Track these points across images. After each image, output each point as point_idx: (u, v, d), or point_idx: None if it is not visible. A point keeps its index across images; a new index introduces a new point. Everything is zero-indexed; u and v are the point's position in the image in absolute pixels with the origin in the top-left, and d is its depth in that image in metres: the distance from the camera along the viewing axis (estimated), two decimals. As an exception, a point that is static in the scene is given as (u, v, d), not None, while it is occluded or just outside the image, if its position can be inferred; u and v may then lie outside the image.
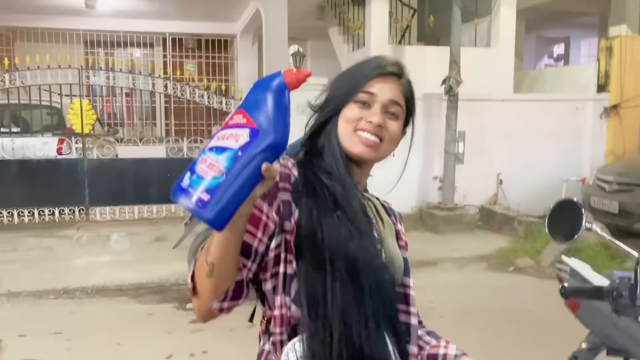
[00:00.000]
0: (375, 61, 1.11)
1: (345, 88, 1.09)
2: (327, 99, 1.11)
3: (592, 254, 5.55)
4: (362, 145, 1.07)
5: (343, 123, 1.08)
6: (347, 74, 1.12)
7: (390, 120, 1.10)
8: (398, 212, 1.28)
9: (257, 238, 0.98)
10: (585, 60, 15.71)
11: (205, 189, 0.80)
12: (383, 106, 1.08)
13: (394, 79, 1.11)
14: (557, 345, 2.32)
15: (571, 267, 1.98)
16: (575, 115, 7.95)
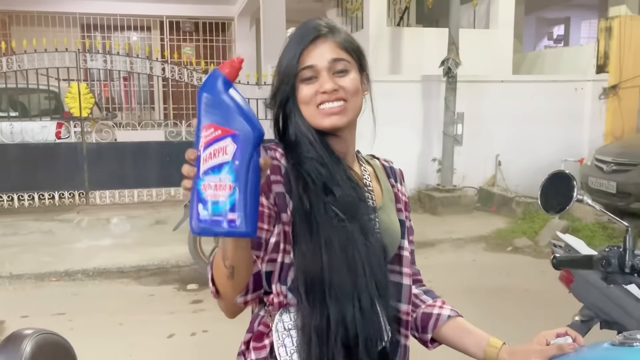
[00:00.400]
0: (298, 34, 1.08)
1: (285, 75, 1.07)
2: (275, 92, 1.10)
3: (589, 234, 5.60)
4: (330, 117, 1.05)
5: (303, 106, 1.07)
6: (280, 61, 1.09)
7: (342, 77, 1.06)
8: (399, 169, 1.27)
9: (264, 230, 1.00)
10: (585, 41, 15.63)
11: (229, 209, 0.81)
12: (328, 70, 1.05)
13: (324, 39, 1.06)
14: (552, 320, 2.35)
15: (566, 243, 2.01)
16: (574, 96, 7.94)
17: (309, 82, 1.06)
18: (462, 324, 1.17)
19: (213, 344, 3.40)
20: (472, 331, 1.15)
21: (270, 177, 1.00)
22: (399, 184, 1.24)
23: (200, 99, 0.84)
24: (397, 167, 1.27)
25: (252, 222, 0.82)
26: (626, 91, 7.79)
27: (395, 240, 1.14)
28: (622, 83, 7.77)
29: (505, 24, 8.43)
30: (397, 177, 1.25)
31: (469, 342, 1.13)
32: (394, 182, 1.24)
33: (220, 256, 0.92)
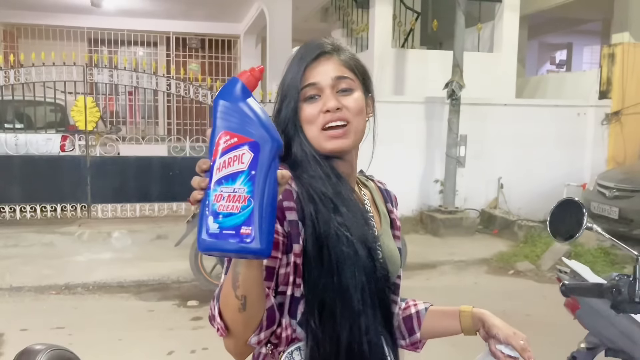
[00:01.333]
0: (301, 52, 1.06)
1: (287, 92, 1.04)
2: (278, 110, 1.06)
3: (592, 259, 5.58)
4: (333, 140, 1.02)
5: (306, 126, 1.03)
6: (283, 79, 1.06)
7: (346, 97, 1.03)
8: (393, 194, 1.24)
9: (277, 259, 0.94)
10: (588, 66, 15.75)
11: (242, 222, 0.74)
12: (332, 87, 1.02)
13: (328, 57, 1.04)
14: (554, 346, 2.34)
15: (571, 269, 2.00)
16: (576, 121, 7.98)
17: (312, 101, 1.02)
18: (436, 310, 1.20)
19: (213, 362, 3.38)
20: (445, 311, 1.18)
21: (283, 203, 0.95)
22: (395, 209, 1.21)
23: (216, 107, 0.79)
24: (391, 190, 1.24)
25: (267, 240, 0.74)
26: (629, 117, 7.83)
27: (395, 267, 1.11)
28: (624, 109, 7.81)
29: (508, 48, 8.51)
30: (392, 202, 1.22)
31: (447, 322, 1.17)
32: (391, 206, 1.20)
33: (230, 284, 0.84)
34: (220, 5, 10.32)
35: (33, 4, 10.25)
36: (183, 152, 7.23)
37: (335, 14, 10.63)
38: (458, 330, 1.15)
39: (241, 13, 10.89)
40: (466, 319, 1.14)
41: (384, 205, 1.19)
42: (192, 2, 10.14)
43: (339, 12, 10.42)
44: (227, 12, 10.94)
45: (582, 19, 12.31)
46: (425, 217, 7.34)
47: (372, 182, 1.23)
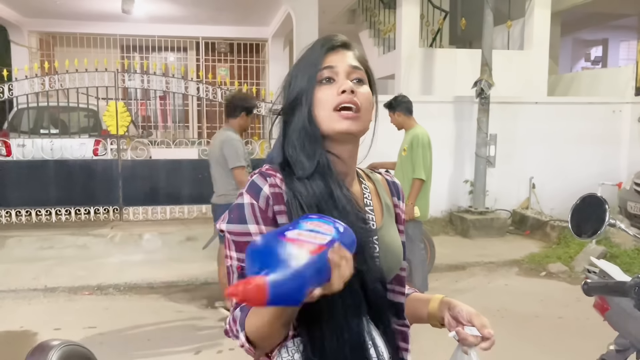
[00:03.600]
0: (321, 40, 1.10)
1: (304, 76, 1.06)
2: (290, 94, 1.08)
3: (628, 261, 5.41)
4: (345, 120, 1.03)
5: (318, 109, 1.04)
6: (299, 64, 1.09)
7: (359, 87, 1.06)
8: (401, 189, 1.24)
9: None
10: (624, 63, 15.29)
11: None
12: (347, 73, 1.06)
13: (345, 49, 1.09)
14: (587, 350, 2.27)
15: (601, 269, 1.94)
16: (612, 119, 7.76)
17: (326, 83, 1.05)
18: (415, 297, 1.20)
19: (239, 363, 3.40)
20: (420, 298, 1.18)
21: (274, 208, 0.99)
22: (400, 202, 1.21)
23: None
24: (398, 183, 1.25)
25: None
26: (667, 114, 7.57)
27: (397, 260, 1.12)
28: (662, 105, 7.55)
29: (540, 45, 8.33)
30: (399, 195, 1.22)
31: (420, 309, 1.16)
32: (397, 200, 1.21)
33: (280, 325, 0.89)
34: (248, 10, 10.41)
35: (67, 13, 10.54)
36: (212, 155, 7.30)
37: (362, 15, 10.61)
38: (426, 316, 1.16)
39: (268, 17, 10.96)
40: (434, 303, 1.14)
41: (389, 198, 1.20)
42: (220, 7, 10.25)
43: (366, 13, 10.40)
44: (255, 17, 11.02)
45: (617, 14, 11.97)
46: (454, 218, 7.24)
47: (380, 174, 1.23)
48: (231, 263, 1.02)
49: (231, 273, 1.02)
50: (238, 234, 0.99)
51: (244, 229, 0.99)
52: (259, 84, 11.74)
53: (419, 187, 4.25)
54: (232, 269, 1.02)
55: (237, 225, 0.99)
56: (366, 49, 10.43)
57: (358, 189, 1.13)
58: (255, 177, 1.03)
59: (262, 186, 1.00)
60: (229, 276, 1.02)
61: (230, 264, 1.02)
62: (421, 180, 4.25)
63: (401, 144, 4.48)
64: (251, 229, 0.98)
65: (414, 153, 4.27)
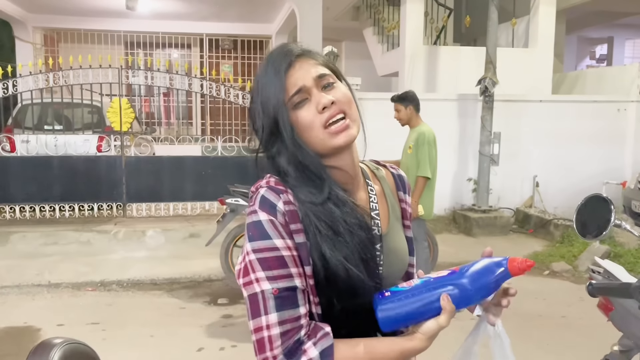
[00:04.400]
0: (272, 65, 1.01)
1: (274, 110, 0.99)
2: (265, 129, 1.01)
3: (632, 260, 5.39)
4: (340, 135, 0.99)
5: (307, 134, 0.99)
6: (263, 99, 1.01)
7: (333, 90, 1.00)
8: (407, 181, 1.22)
9: (301, 276, 0.93)
10: (630, 61, 15.23)
11: (392, 290, 0.97)
12: (316, 86, 1.00)
13: (302, 60, 1.01)
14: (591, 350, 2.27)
15: (605, 269, 1.93)
16: (616, 117, 7.73)
17: (301, 105, 0.99)
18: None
19: (242, 359, 3.40)
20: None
21: (290, 226, 0.94)
22: (406, 196, 1.19)
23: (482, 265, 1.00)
24: (404, 175, 1.22)
25: (389, 313, 0.95)
26: (672, 113, 7.53)
27: (403, 263, 1.11)
28: (667, 104, 7.51)
29: (544, 43, 8.30)
30: (405, 188, 1.20)
31: None
32: (403, 194, 1.18)
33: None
34: (252, 7, 10.40)
35: (72, 10, 10.55)
36: (215, 151, 7.31)
37: (366, 12, 10.59)
38: None
39: (272, 14, 10.95)
40: None
41: (395, 194, 1.17)
42: (223, 4, 10.25)
43: (370, 10, 10.38)
44: (259, 13, 11.01)
45: (623, 12, 11.91)
46: (458, 216, 7.23)
47: (385, 168, 1.20)
48: (262, 288, 0.91)
49: (262, 300, 0.90)
50: (263, 250, 0.92)
51: (269, 244, 0.92)
52: (262, 81, 11.67)
53: (423, 184, 4.24)
54: (264, 296, 0.90)
55: (261, 241, 0.92)
56: (370, 46, 10.41)
57: (364, 194, 1.09)
58: (265, 192, 0.96)
59: (276, 202, 0.95)
60: (256, 304, 0.91)
61: (261, 289, 0.91)
62: (426, 178, 4.23)
63: (406, 141, 4.46)
64: (277, 243, 0.92)
65: (420, 150, 4.26)
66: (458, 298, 0.93)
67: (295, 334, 0.90)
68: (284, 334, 0.89)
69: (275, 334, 0.89)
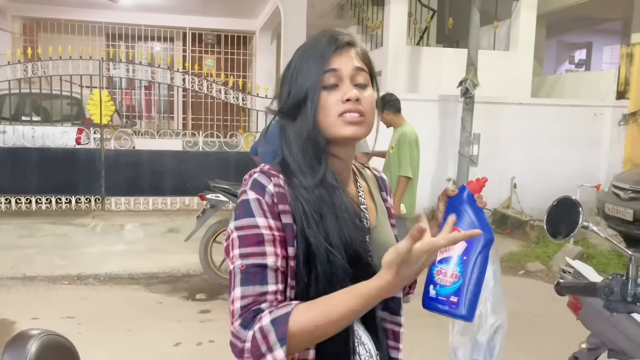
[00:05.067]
0: (327, 36, 1.04)
1: (308, 75, 1.02)
2: (295, 93, 1.03)
3: (604, 261, 5.52)
4: (351, 126, 1.01)
5: (321, 115, 1.01)
6: (303, 58, 1.04)
7: (363, 91, 1.03)
8: (388, 182, 1.26)
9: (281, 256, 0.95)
10: (608, 66, 15.51)
11: (452, 293, 1.00)
12: (351, 78, 1.02)
13: (349, 48, 1.04)
14: (561, 347, 2.33)
15: (575, 269, 1.99)
16: (593, 122, 7.88)
17: (330, 89, 1.02)
18: None
19: (219, 355, 3.40)
20: None
21: (278, 207, 0.97)
22: (389, 197, 1.23)
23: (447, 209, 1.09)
24: (385, 178, 1.26)
25: (469, 308, 0.99)
26: (646, 118, 7.71)
27: None
28: (642, 110, 7.68)
29: (525, 46, 8.41)
30: (387, 190, 1.24)
31: None
32: (386, 195, 1.22)
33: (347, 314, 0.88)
34: (236, 1, 10.36)
35: (53, -1, 10.40)
36: (196, 146, 7.28)
37: (350, 11, 10.62)
38: None
39: (257, 9, 10.91)
40: None
41: (379, 194, 1.20)
42: (208, -2, 10.21)
43: (354, 9, 10.40)
44: (243, 8, 10.97)
45: (602, 18, 12.13)
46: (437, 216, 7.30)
47: (368, 169, 1.24)
48: (234, 264, 0.95)
49: (233, 276, 0.94)
50: (244, 227, 0.95)
51: (251, 222, 0.95)
52: (245, 77, 11.68)
53: (405, 184, 4.29)
54: (234, 271, 0.94)
55: (244, 219, 0.96)
56: (354, 45, 10.43)
57: (353, 188, 1.12)
58: (257, 175, 1.00)
59: (267, 184, 0.98)
60: (231, 280, 0.95)
61: (234, 265, 0.95)
62: (407, 177, 4.28)
63: (390, 141, 4.51)
64: (259, 222, 0.95)
65: (401, 150, 4.30)
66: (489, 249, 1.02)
67: (254, 306, 0.91)
68: (243, 307, 0.91)
69: (237, 307, 0.91)
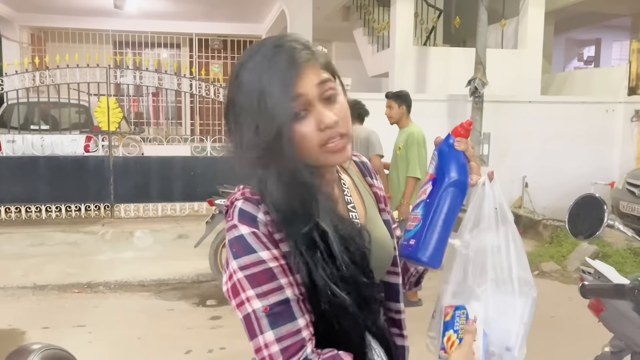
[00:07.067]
0: (283, 56, 0.89)
1: (276, 108, 0.86)
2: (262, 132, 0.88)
3: (620, 260, 5.42)
4: (336, 154, 0.92)
5: (300, 148, 0.89)
6: (260, 100, 0.88)
7: (334, 105, 0.92)
8: (370, 165, 1.18)
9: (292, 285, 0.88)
10: (617, 62, 15.35)
11: (411, 237, 0.99)
12: (319, 97, 0.90)
13: (307, 62, 0.90)
14: (580, 350, 2.26)
15: (595, 269, 1.92)
16: (604, 118, 7.78)
17: (300, 118, 0.89)
18: None
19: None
20: None
21: (274, 235, 0.89)
22: (374, 180, 1.16)
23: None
24: (367, 161, 1.19)
25: (431, 253, 0.97)
26: (659, 114, 7.60)
27: (387, 250, 1.06)
28: (655, 105, 7.57)
29: (533, 44, 8.34)
30: (371, 173, 1.16)
31: None
32: (370, 179, 1.15)
33: None
34: (242, 6, 10.36)
35: (59, 8, 10.45)
36: (204, 151, 7.26)
37: (356, 13, 10.58)
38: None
39: (262, 13, 10.91)
40: None
41: (364, 182, 1.14)
42: (213, 4, 10.20)
43: (360, 10, 10.36)
44: (249, 13, 10.97)
45: (610, 14, 12.01)
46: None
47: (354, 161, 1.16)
48: (253, 308, 0.86)
49: (255, 320, 0.86)
50: (249, 265, 0.87)
51: (255, 258, 0.87)
52: (252, 81, 11.63)
53: (413, 185, 4.22)
54: (256, 315, 0.85)
55: (246, 257, 0.87)
56: (360, 47, 10.40)
57: (339, 190, 1.05)
58: (242, 205, 0.90)
59: (256, 213, 0.89)
60: (251, 325, 0.86)
61: (252, 309, 0.86)
62: (416, 178, 4.22)
63: (395, 142, 4.45)
64: (263, 256, 0.87)
65: (409, 151, 4.25)
66: (460, 193, 0.99)
67: (299, 349, 0.85)
68: (284, 350, 0.85)
69: (275, 351, 0.85)
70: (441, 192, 0.97)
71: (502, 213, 0.97)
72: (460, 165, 0.99)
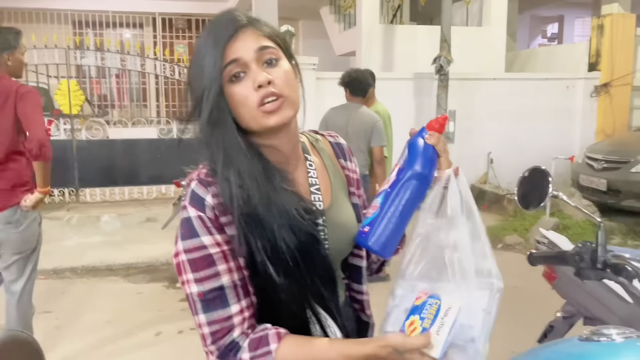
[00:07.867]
0: (213, 33, 0.94)
1: (207, 79, 0.93)
2: (196, 100, 0.95)
3: (580, 231, 5.62)
4: (273, 115, 0.93)
5: (239, 110, 0.94)
6: (196, 67, 0.95)
7: (274, 69, 0.94)
8: (347, 146, 1.19)
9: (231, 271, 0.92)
10: (579, 39, 15.66)
11: (367, 224, 0.98)
12: (257, 61, 0.93)
13: (245, 30, 0.94)
14: (539, 316, 2.36)
15: (549, 239, 2.00)
16: (566, 94, 7.96)
17: (237, 80, 0.93)
18: None
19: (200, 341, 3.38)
20: None
21: (220, 219, 0.92)
22: (348, 163, 1.16)
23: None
24: (343, 143, 1.19)
25: (382, 241, 0.97)
26: (617, 89, 7.82)
27: (350, 235, 1.07)
28: (613, 81, 7.79)
29: (497, 22, 8.44)
30: (346, 155, 1.17)
31: None
32: (344, 161, 1.15)
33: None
34: (206, -16, 10.18)
35: (15, -13, 10.08)
36: (171, 133, 7.17)
37: (322, -9, 10.50)
38: None
39: (227, -8, 10.75)
40: None
41: (336, 163, 1.15)
42: (176, -18, 10.00)
43: (327, -12, 10.29)
44: (213, -9, 10.79)
45: (572, -9, 12.22)
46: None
47: (323, 137, 1.18)
48: (190, 291, 0.92)
49: (192, 302, 0.92)
50: (192, 249, 0.91)
51: (197, 243, 0.91)
52: (218, 61, 11.48)
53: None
54: (192, 298, 0.92)
55: (190, 240, 0.91)
56: (327, 26, 10.35)
57: (303, 168, 1.06)
58: (194, 186, 0.94)
59: (205, 196, 0.92)
60: (190, 304, 0.93)
61: (190, 292, 0.92)
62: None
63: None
64: (205, 241, 0.91)
65: (375, 130, 4.28)
66: (422, 186, 0.98)
67: (226, 334, 0.92)
68: (213, 333, 0.92)
69: (206, 332, 0.92)
70: (402, 183, 0.97)
71: (468, 207, 0.97)
72: (426, 158, 0.98)
